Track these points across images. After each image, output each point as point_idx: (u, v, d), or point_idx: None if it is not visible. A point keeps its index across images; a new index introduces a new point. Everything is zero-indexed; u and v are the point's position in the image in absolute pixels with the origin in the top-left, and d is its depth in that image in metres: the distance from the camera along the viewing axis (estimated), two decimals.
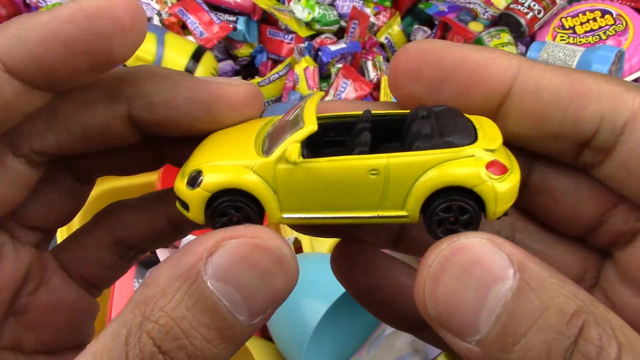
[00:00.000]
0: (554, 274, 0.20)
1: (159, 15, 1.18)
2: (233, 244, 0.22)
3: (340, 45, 1.13)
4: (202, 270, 0.21)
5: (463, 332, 0.20)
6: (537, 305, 0.20)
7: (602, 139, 0.23)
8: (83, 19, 0.22)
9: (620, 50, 1.00)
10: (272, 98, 1.15)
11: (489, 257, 0.20)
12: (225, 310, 0.21)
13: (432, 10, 1.15)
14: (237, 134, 0.26)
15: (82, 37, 0.23)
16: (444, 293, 0.21)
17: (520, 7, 1.10)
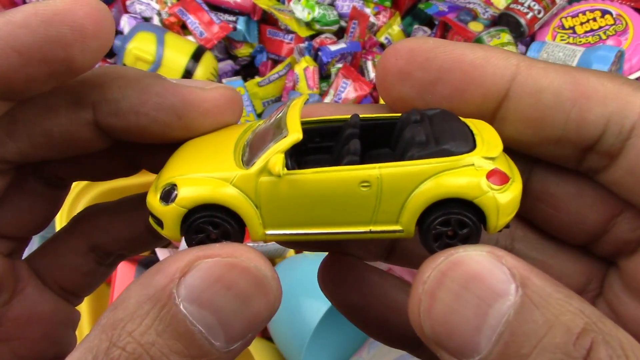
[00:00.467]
0: (559, 288, 0.19)
1: (159, 15, 1.18)
2: (208, 264, 0.20)
3: (340, 45, 1.13)
4: (174, 292, 0.19)
5: (462, 352, 0.19)
6: (542, 324, 0.18)
7: (607, 143, 0.22)
8: (39, 25, 0.21)
9: (620, 50, 1.00)
10: (272, 98, 1.15)
11: (488, 272, 0.19)
12: (200, 335, 0.19)
13: (432, 10, 1.15)
14: (214, 142, 0.24)
15: (38, 44, 0.21)
16: (440, 311, 0.19)
17: (520, 7, 1.10)
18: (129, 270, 0.88)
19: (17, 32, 0.21)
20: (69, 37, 0.21)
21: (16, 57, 0.21)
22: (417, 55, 0.23)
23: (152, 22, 1.17)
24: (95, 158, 0.28)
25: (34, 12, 0.21)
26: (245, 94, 1.11)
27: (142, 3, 1.18)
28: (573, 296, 0.19)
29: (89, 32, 0.21)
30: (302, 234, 0.22)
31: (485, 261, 0.19)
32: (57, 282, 0.30)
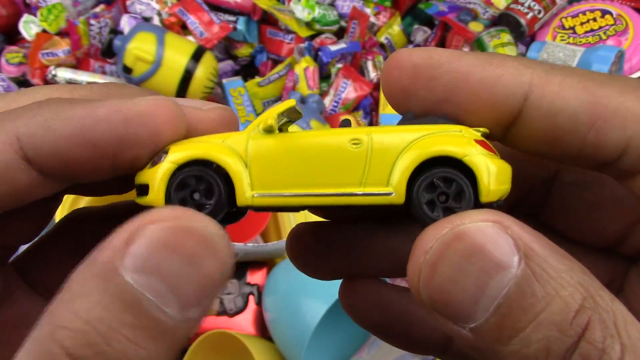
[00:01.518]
0: (562, 259, 0.19)
1: (159, 15, 1.18)
2: (151, 230, 0.19)
3: (340, 45, 1.13)
4: (118, 263, 0.18)
5: (457, 319, 0.19)
6: (541, 299, 0.18)
7: (627, 163, 0.21)
8: (119, 122, 0.21)
9: (620, 50, 1.00)
10: (272, 98, 1.15)
11: (493, 244, 0.19)
12: (150, 304, 0.18)
13: (432, 10, 1.15)
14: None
15: (114, 141, 0.21)
16: (440, 282, 0.19)
17: (521, 7, 1.10)
18: None
19: (97, 126, 0.21)
20: (144, 139, 0.22)
21: (90, 149, 0.21)
22: (421, 73, 0.22)
23: (152, 22, 1.17)
24: None
25: (117, 109, 0.21)
26: (245, 94, 1.11)
27: (142, 3, 1.18)
28: (575, 267, 0.19)
29: (163, 136, 0.22)
30: (292, 195, 0.22)
31: (491, 232, 0.19)
32: (46, 286, 0.29)
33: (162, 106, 0.22)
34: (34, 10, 1.21)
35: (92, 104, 0.21)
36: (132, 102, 0.22)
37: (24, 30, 1.19)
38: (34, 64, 1.12)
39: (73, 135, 0.21)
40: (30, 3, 1.22)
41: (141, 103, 0.22)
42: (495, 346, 0.19)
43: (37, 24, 1.18)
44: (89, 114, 0.21)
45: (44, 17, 1.17)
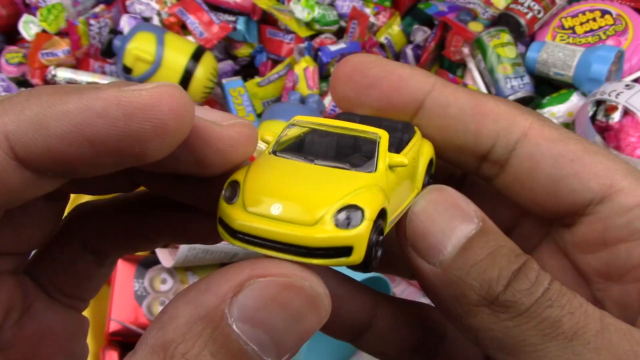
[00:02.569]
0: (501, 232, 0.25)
1: (159, 15, 1.18)
2: (261, 283, 0.20)
3: (340, 45, 1.13)
4: (226, 312, 0.19)
5: (430, 252, 0.24)
6: (494, 244, 0.23)
7: (497, 154, 0.27)
8: (119, 118, 0.19)
9: (620, 50, 1.00)
10: (272, 98, 1.15)
11: (463, 203, 0.24)
12: (253, 354, 0.20)
13: (431, 10, 1.15)
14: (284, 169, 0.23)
15: (114, 138, 0.19)
16: (421, 216, 0.24)
17: (520, 7, 1.10)
18: (129, 270, 0.88)
19: (93, 121, 0.19)
20: (149, 133, 0.20)
21: (88, 147, 0.19)
22: (359, 64, 0.27)
23: (152, 22, 1.17)
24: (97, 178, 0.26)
25: (117, 102, 0.19)
26: (245, 94, 1.11)
27: (141, 3, 1.18)
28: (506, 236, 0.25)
29: (169, 130, 0.20)
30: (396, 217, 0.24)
31: (461, 197, 0.25)
32: (60, 290, 0.28)
33: (167, 95, 0.20)
34: (33, 10, 1.21)
35: (87, 95, 0.19)
36: (133, 92, 0.19)
37: (23, 31, 1.19)
38: (33, 64, 1.12)
39: (67, 133, 0.19)
40: (30, 3, 1.22)
41: (142, 93, 0.19)
42: (459, 274, 0.23)
43: (37, 24, 1.18)
44: (84, 109, 0.19)
45: (43, 17, 1.17)
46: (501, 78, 1.05)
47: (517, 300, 0.22)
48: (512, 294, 0.22)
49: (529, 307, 0.22)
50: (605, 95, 0.92)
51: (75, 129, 0.19)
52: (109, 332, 0.84)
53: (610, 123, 0.96)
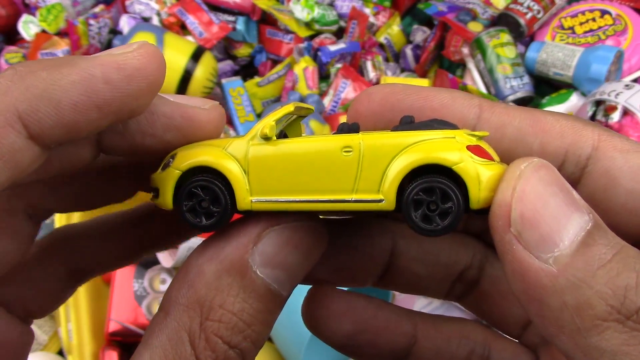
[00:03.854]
0: None
1: (159, 15, 1.18)
2: (277, 230, 0.23)
3: (339, 45, 1.13)
4: (249, 260, 0.22)
5: (542, 244, 0.19)
6: (617, 242, 0.19)
7: (567, 172, 0.23)
8: (121, 80, 0.21)
9: (619, 50, 1.00)
10: (272, 98, 1.15)
11: (570, 187, 0.20)
12: (274, 291, 0.22)
13: (431, 10, 1.15)
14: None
15: (117, 100, 0.21)
16: (533, 197, 0.19)
17: (520, 7, 1.10)
18: (129, 271, 0.88)
19: (100, 87, 0.20)
20: (145, 90, 0.22)
21: (95, 112, 0.21)
22: (389, 98, 0.25)
23: (151, 22, 1.17)
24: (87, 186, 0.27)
25: (116, 66, 0.21)
26: (245, 94, 1.11)
27: (141, 3, 1.18)
28: None
29: (157, 85, 0.22)
30: (287, 201, 0.22)
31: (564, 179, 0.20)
32: (26, 309, 0.28)
33: (153, 53, 0.22)
34: (33, 11, 1.21)
35: (85, 64, 0.20)
36: (127, 55, 0.21)
37: (23, 31, 1.19)
38: None
39: (78, 102, 0.20)
40: (30, 3, 1.22)
41: (135, 55, 0.21)
42: (581, 276, 0.18)
43: (37, 24, 1.18)
44: (89, 77, 0.20)
45: (43, 17, 1.16)
46: (501, 78, 1.05)
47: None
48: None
49: None
50: (604, 95, 0.92)
51: (84, 97, 0.20)
52: (109, 332, 0.84)
53: (609, 123, 0.96)
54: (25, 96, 0.20)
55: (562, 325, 0.19)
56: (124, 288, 0.86)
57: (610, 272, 0.18)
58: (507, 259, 0.20)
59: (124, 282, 0.87)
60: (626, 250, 0.19)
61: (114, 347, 0.85)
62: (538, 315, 0.19)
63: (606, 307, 0.18)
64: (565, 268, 0.18)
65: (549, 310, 0.19)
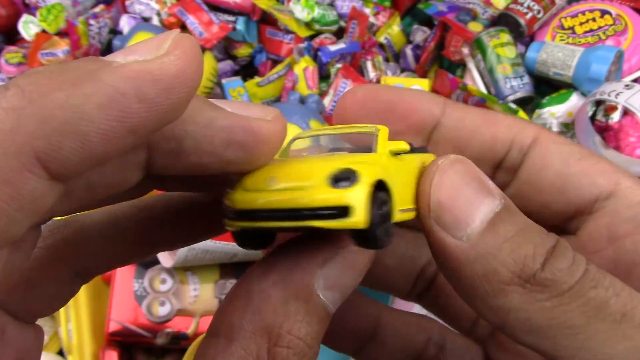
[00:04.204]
0: None
1: (159, 15, 1.18)
2: (343, 255, 0.23)
3: (339, 45, 1.13)
4: (313, 284, 0.22)
5: (456, 224, 0.22)
6: (522, 221, 0.23)
7: (512, 158, 0.27)
8: (158, 95, 0.17)
9: (619, 50, 1.00)
10: (272, 98, 1.15)
11: (483, 176, 0.23)
12: (329, 312, 0.23)
13: (431, 10, 1.15)
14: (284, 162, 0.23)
15: (154, 117, 0.17)
16: (448, 186, 0.23)
17: (520, 7, 1.10)
18: (129, 271, 0.88)
19: (133, 108, 0.16)
20: (184, 100, 0.18)
21: (130, 137, 0.17)
22: (371, 92, 0.28)
23: (151, 22, 1.17)
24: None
25: (151, 78, 0.17)
26: (245, 94, 1.11)
27: (141, 3, 1.18)
28: None
29: (195, 89, 0.18)
30: (407, 210, 0.24)
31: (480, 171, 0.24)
32: (31, 312, 0.25)
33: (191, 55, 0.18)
34: (33, 11, 1.21)
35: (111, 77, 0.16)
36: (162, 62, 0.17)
37: (23, 31, 1.19)
38: (33, 64, 1.12)
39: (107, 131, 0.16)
40: (30, 3, 1.22)
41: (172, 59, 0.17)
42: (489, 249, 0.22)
43: (37, 24, 1.18)
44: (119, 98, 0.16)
45: (43, 17, 1.16)
46: (501, 78, 1.05)
47: (558, 279, 0.21)
48: (552, 272, 0.21)
49: (571, 286, 0.21)
50: (604, 95, 0.92)
51: (116, 123, 0.16)
52: (109, 332, 0.84)
53: (609, 123, 0.96)
54: (42, 131, 0.15)
55: (475, 291, 0.22)
56: (124, 288, 0.87)
57: (513, 245, 0.22)
58: (430, 240, 0.23)
59: (124, 282, 0.87)
60: (529, 227, 0.22)
61: (114, 347, 0.85)
62: (456, 285, 0.23)
63: (509, 273, 0.21)
64: (475, 243, 0.22)
65: (464, 279, 0.22)
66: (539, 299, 0.21)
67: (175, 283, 0.88)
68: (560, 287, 0.21)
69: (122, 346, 0.86)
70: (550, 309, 0.21)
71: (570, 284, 0.21)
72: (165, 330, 0.86)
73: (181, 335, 0.86)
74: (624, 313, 0.21)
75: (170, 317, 0.86)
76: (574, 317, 0.21)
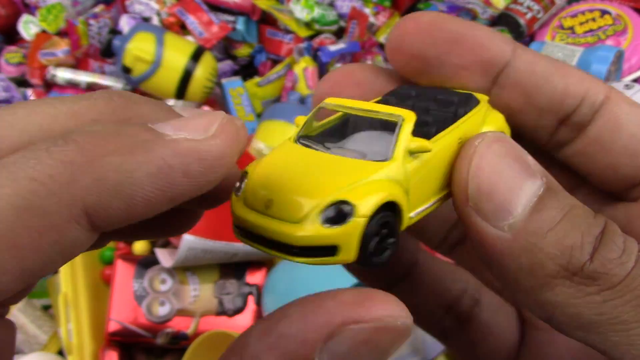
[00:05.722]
0: None
1: (159, 15, 1.18)
2: (355, 330, 0.19)
3: (339, 45, 1.13)
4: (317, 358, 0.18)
5: (498, 214, 0.21)
6: (567, 203, 0.21)
7: (581, 114, 0.25)
8: (202, 173, 0.18)
9: (619, 50, 1.00)
10: (272, 98, 1.15)
11: (525, 156, 0.22)
12: None
13: (431, 10, 1.15)
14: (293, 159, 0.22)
15: (193, 190, 0.18)
16: (487, 171, 0.21)
17: (520, 7, 1.10)
18: (129, 271, 0.88)
19: (178, 181, 0.18)
20: (219, 178, 0.19)
21: (167, 204, 0.18)
22: (438, 19, 0.25)
23: (151, 22, 1.17)
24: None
25: (198, 157, 0.18)
26: (245, 94, 1.11)
27: (141, 3, 1.18)
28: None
29: (233, 166, 0.19)
30: (425, 208, 0.22)
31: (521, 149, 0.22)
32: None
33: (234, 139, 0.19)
34: (33, 10, 1.21)
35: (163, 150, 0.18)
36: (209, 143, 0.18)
37: (23, 30, 1.19)
38: (33, 63, 1.12)
39: (152, 197, 0.18)
40: (30, 3, 1.22)
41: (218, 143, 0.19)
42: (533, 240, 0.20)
43: (37, 24, 1.18)
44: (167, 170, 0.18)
45: (43, 17, 1.16)
46: None
47: (608, 272, 0.20)
48: (602, 263, 0.20)
49: (622, 279, 0.19)
50: None
51: (160, 192, 0.18)
52: (109, 332, 0.84)
53: None
54: (96, 189, 0.17)
55: (519, 284, 0.21)
56: (124, 288, 0.87)
57: (558, 234, 0.20)
58: (469, 230, 0.21)
59: (124, 282, 0.87)
60: (575, 211, 0.21)
61: (114, 347, 0.85)
62: (500, 277, 0.22)
63: (555, 266, 0.20)
64: (519, 233, 0.20)
65: (507, 272, 0.21)
66: (588, 292, 0.20)
67: (175, 283, 0.88)
68: (610, 280, 0.20)
69: (122, 346, 0.86)
70: (600, 303, 0.20)
71: (622, 276, 0.20)
72: (165, 330, 0.86)
73: (181, 335, 0.86)
74: None
75: (170, 317, 0.86)
76: (626, 312, 0.19)
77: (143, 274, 0.88)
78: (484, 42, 0.25)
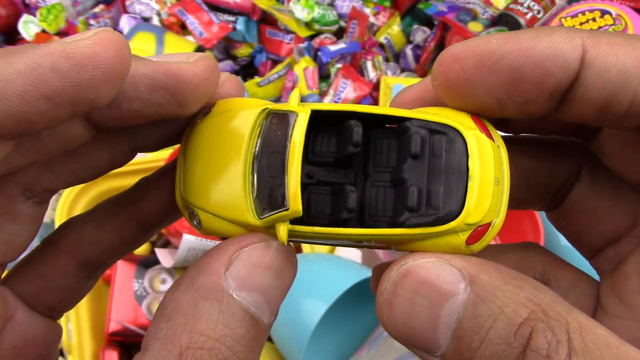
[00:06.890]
0: (510, 280, 0.20)
1: (159, 15, 1.18)
2: (245, 252, 0.22)
3: (339, 45, 1.13)
4: (224, 285, 0.22)
5: (427, 349, 0.21)
6: (487, 317, 0.20)
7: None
8: (70, 69, 0.20)
9: None
10: (272, 98, 1.15)
11: (436, 276, 0.21)
12: (254, 316, 0.22)
13: (431, 10, 1.15)
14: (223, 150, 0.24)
15: (69, 90, 0.20)
16: (400, 317, 0.21)
17: (520, 7, 1.10)
18: (129, 271, 0.88)
19: (47, 77, 0.19)
20: (100, 79, 0.20)
21: (45, 103, 0.20)
22: (485, 60, 0.22)
23: (151, 22, 1.17)
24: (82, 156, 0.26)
25: (65, 55, 0.20)
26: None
27: (141, 3, 1.18)
28: (524, 285, 0.20)
29: (117, 72, 0.21)
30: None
31: (432, 266, 0.21)
32: (45, 304, 0.28)
33: (109, 41, 0.20)
34: (33, 11, 1.21)
35: (34, 53, 0.19)
36: (78, 43, 0.20)
37: (23, 31, 1.19)
38: None
39: (24, 92, 0.19)
40: (30, 3, 1.22)
41: (87, 42, 0.20)
42: (469, 357, 0.20)
43: (37, 24, 1.18)
44: (35, 66, 0.19)
45: (43, 17, 1.17)
46: None
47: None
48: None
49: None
50: None
51: (31, 87, 0.19)
52: (109, 332, 0.84)
53: None
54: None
55: None
56: (124, 288, 0.87)
57: (484, 352, 0.20)
58: None
59: (124, 282, 0.87)
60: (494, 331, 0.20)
61: (114, 347, 0.85)
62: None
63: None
64: (453, 358, 0.21)
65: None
66: None
67: None
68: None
69: (122, 346, 0.86)
70: None
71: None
72: None
73: None
74: None
75: None
76: None
77: (143, 274, 0.88)
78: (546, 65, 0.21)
